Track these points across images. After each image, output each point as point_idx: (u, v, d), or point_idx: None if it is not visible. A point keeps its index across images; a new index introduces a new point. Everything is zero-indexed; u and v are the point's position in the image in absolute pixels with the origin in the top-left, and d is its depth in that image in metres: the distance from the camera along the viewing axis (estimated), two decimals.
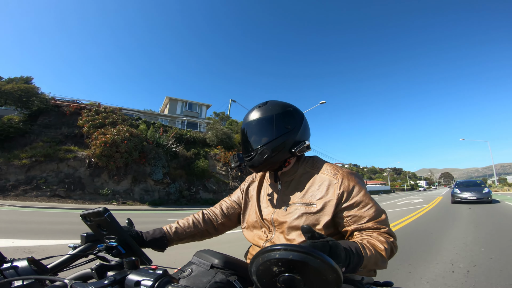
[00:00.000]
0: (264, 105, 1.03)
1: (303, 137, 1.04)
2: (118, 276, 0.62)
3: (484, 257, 3.69)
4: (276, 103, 1.04)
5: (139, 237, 0.93)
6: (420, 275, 3.05)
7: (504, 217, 7.95)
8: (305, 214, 0.92)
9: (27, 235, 4.87)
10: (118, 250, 0.75)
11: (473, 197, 13.13)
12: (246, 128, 1.03)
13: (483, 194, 13.13)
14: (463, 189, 14.12)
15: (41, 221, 6.83)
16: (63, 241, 4.51)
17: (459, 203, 13.38)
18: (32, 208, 9.42)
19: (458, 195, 13.75)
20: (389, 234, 0.88)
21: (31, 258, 0.73)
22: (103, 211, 0.70)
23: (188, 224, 1.08)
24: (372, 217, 0.88)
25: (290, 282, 0.47)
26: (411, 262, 3.59)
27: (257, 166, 0.98)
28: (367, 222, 0.88)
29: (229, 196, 1.23)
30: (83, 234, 0.90)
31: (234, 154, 1.02)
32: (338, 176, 0.94)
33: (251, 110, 1.05)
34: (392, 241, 0.86)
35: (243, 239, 1.18)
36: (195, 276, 0.89)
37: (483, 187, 14.19)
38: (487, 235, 5.33)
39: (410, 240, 5.11)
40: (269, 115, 0.99)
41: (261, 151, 0.96)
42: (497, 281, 2.77)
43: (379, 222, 0.88)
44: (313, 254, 0.45)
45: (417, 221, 7.88)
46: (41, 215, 7.90)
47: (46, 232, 5.31)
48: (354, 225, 0.89)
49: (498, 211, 9.65)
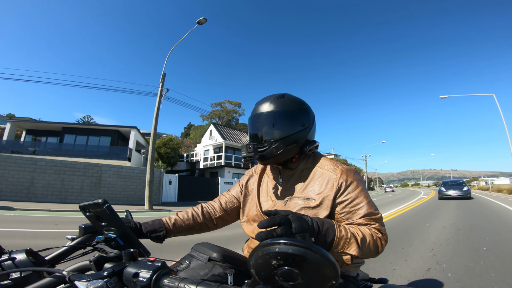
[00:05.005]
0: (282, 97, 1.01)
1: (312, 136, 1.05)
2: (116, 268, 0.62)
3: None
4: (294, 98, 1.03)
5: (138, 229, 0.93)
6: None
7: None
8: (304, 208, 0.92)
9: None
10: (117, 242, 0.75)
11: (456, 194, 15.93)
12: (260, 117, 1.00)
13: (464, 192, 15.96)
14: (448, 188, 16.93)
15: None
16: None
17: (445, 199, 15.99)
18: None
19: (444, 193, 16.49)
20: (379, 231, 0.87)
21: (29, 250, 0.73)
22: (102, 202, 0.70)
23: (187, 216, 1.09)
24: (365, 214, 0.88)
25: (288, 276, 0.48)
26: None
27: (269, 159, 0.97)
28: (359, 218, 0.88)
29: (228, 191, 1.23)
30: (81, 225, 0.90)
31: (247, 144, 0.98)
32: (337, 171, 0.95)
33: (266, 100, 1.02)
34: (379, 237, 0.85)
35: (242, 234, 1.18)
36: (193, 269, 0.90)
37: (464, 186, 16.95)
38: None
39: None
40: (288, 109, 0.98)
41: (277, 145, 0.95)
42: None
43: (371, 219, 0.88)
44: (312, 249, 0.45)
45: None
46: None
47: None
48: (347, 221, 0.89)
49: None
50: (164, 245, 1.03)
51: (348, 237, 0.77)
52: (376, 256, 0.86)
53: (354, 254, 0.77)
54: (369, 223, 0.87)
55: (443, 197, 16.31)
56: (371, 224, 0.87)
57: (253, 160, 1.00)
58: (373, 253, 0.83)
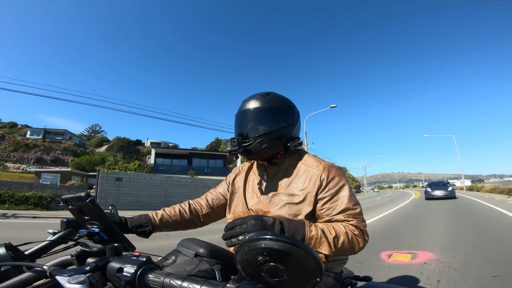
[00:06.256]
0: (267, 95, 1.04)
1: (297, 133, 1.08)
2: (99, 262, 0.60)
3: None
4: (279, 96, 1.06)
5: (123, 223, 0.92)
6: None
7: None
8: (288, 204, 0.93)
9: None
10: (100, 236, 0.74)
11: (442, 194, 16.23)
12: (247, 114, 1.02)
13: (449, 192, 16.25)
14: (434, 188, 17.15)
15: None
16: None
17: (431, 199, 16.27)
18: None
19: (430, 193, 16.67)
20: (356, 228, 0.87)
21: (8, 244, 0.70)
22: (85, 196, 0.68)
23: (174, 212, 1.08)
24: (343, 209, 0.89)
25: (274, 272, 0.48)
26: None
27: (254, 153, 0.98)
28: (338, 214, 0.89)
29: (215, 188, 1.24)
30: (63, 219, 0.87)
31: (232, 138, 0.99)
32: (319, 167, 0.96)
33: (252, 97, 1.05)
34: (356, 235, 0.85)
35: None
36: (179, 264, 0.89)
37: (448, 186, 17.28)
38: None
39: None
40: (273, 106, 1.01)
41: (261, 140, 0.97)
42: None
43: (349, 215, 0.89)
44: (297, 245, 0.46)
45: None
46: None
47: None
48: (326, 217, 0.90)
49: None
50: (149, 239, 1.01)
51: (318, 237, 0.78)
52: (354, 254, 0.86)
53: (326, 253, 0.79)
54: (346, 219, 0.88)
55: (430, 197, 16.47)
56: (349, 221, 0.88)
57: (237, 155, 1.01)
58: (349, 251, 0.84)
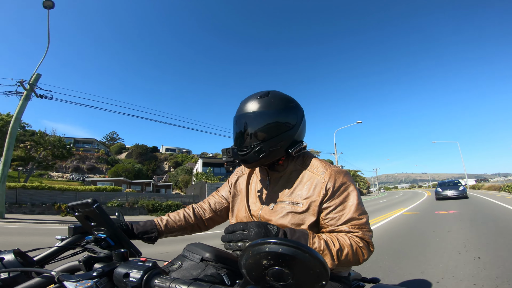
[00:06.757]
0: (265, 96, 0.94)
1: (301, 136, 1.00)
2: (106, 268, 0.61)
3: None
4: (279, 97, 0.96)
5: (129, 229, 0.92)
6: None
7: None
8: (291, 213, 0.89)
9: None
10: (107, 242, 0.74)
11: (453, 194, 15.59)
12: (243, 118, 0.94)
13: (460, 192, 15.58)
14: (444, 188, 16.54)
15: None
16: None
17: (442, 200, 15.62)
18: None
19: (441, 193, 16.07)
20: (361, 239, 0.83)
21: (17, 250, 0.72)
22: (92, 202, 0.69)
23: (179, 217, 1.08)
24: (348, 219, 0.84)
25: (279, 275, 0.48)
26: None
27: (251, 163, 0.94)
28: (342, 224, 0.84)
29: (217, 191, 1.21)
30: (71, 225, 0.89)
31: (228, 149, 0.94)
32: (325, 175, 0.90)
33: (250, 99, 0.96)
34: (360, 247, 0.81)
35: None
36: (185, 269, 0.89)
37: (459, 185, 16.67)
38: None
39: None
40: (271, 110, 0.92)
41: (258, 149, 0.90)
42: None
43: (354, 225, 0.84)
44: (302, 248, 0.45)
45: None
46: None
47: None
48: (330, 227, 0.86)
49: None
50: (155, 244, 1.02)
51: (321, 249, 0.76)
52: (358, 265, 0.84)
53: (328, 266, 0.78)
54: (351, 230, 0.84)
55: (440, 197, 15.94)
56: (354, 232, 0.84)
57: (234, 165, 0.98)
58: (353, 263, 0.82)
